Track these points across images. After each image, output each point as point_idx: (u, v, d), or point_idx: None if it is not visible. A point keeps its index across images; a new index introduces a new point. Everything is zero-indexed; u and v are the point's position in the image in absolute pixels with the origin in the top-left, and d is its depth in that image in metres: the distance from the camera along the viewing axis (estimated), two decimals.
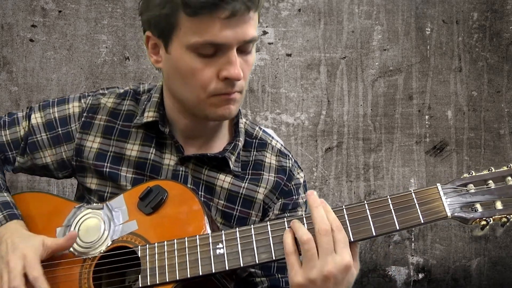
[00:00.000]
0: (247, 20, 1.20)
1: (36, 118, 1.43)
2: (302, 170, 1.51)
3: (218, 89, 1.24)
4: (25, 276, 1.18)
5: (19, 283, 1.17)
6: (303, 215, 1.18)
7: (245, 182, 1.41)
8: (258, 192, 1.41)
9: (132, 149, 1.39)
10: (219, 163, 1.39)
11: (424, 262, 3.14)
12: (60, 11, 2.85)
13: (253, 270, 1.41)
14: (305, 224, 1.16)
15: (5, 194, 1.35)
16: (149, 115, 1.38)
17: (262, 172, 1.43)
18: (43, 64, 2.85)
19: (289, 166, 1.46)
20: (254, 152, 1.46)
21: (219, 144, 1.43)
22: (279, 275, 1.42)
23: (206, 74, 1.23)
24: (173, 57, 1.26)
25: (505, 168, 1.15)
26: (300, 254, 1.13)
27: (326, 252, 1.10)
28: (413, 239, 3.13)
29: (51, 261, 1.24)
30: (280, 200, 1.43)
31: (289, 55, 3.02)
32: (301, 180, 1.49)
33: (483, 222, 1.11)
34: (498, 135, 3.14)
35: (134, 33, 2.89)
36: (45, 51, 2.85)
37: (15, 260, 1.18)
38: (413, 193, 1.15)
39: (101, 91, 1.46)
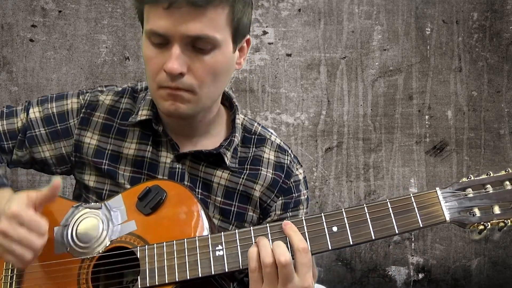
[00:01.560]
0: (192, 15, 1.17)
1: (35, 113, 1.43)
2: (301, 166, 1.50)
3: (162, 81, 1.24)
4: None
5: (41, 243, 1.14)
6: (303, 218, 1.18)
7: (242, 178, 1.41)
8: (254, 189, 1.41)
9: (130, 148, 1.39)
10: (216, 160, 1.39)
11: (424, 262, 3.14)
12: (60, 11, 2.85)
13: None
14: (305, 227, 1.16)
15: None
16: (142, 114, 1.38)
17: (260, 168, 1.43)
18: (43, 64, 2.85)
19: (287, 163, 1.46)
20: (253, 148, 1.45)
21: (215, 140, 1.42)
22: None
23: (155, 64, 1.24)
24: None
25: (503, 172, 1.15)
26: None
27: (285, 279, 1.11)
28: (413, 239, 3.13)
29: (49, 261, 1.24)
30: (280, 198, 1.43)
31: (289, 55, 3.02)
32: (301, 177, 1.48)
33: (481, 227, 1.12)
34: (498, 135, 3.14)
35: (134, 33, 2.89)
36: (45, 51, 2.85)
37: (8, 224, 1.12)
38: (412, 197, 1.15)
39: (99, 89, 1.47)
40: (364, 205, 1.17)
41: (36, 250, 1.14)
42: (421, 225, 1.13)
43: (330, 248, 1.15)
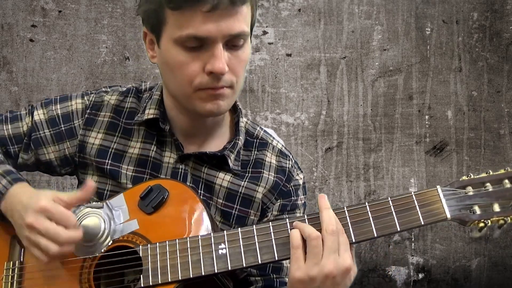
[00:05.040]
0: (232, 14, 1.20)
1: (39, 115, 1.43)
2: (301, 171, 1.51)
3: (204, 83, 1.24)
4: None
5: (67, 235, 1.14)
6: (305, 216, 1.18)
7: (245, 181, 1.41)
8: (257, 191, 1.41)
9: (135, 147, 1.39)
10: (219, 162, 1.39)
11: (424, 262, 3.14)
12: (60, 11, 2.85)
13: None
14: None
15: (7, 165, 1.34)
16: (149, 113, 1.38)
17: (262, 171, 1.43)
18: (43, 64, 2.84)
19: (288, 167, 1.46)
20: (255, 152, 1.46)
21: (219, 142, 1.43)
22: (274, 276, 1.42)
23: (191, 68, 1.23)
24: (163, 51, 1.27)
25: (502, 171, 1.16)
26: (305, 253, 1.14)
27: (330, 251, 1.11)
28: (413, 239, 3.13)
29: (51, 261, 1.23)
30: (279, 201, 1.43)
31: (289, 55, 3.02)
32: (300, 182, 1.49)
33: (481, 224, 1.13)
34: (498, 135, 3.14)
35: (134, 33, 2.89)
36: (45, 51, 2.85)
37: (35, 217, 1.15)
38: (413, 195, 1.16)
39: (103, 89, 1.47)
40: (366, 203, 1.17)
41: (62, 243, 1.14)
42: (422, 223, 1.14)
43: None
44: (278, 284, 1.41)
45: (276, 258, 1.16)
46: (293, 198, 1.45)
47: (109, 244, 1.25)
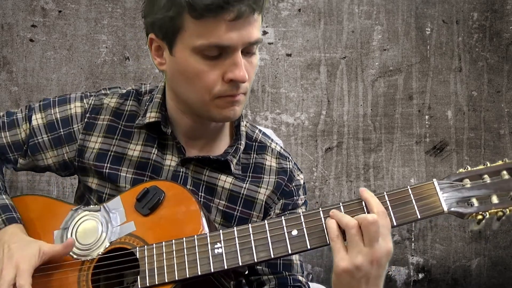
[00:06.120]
0: (251, 22, 1.21)
1: (37, 119, 1.42)
2: (301, 172, 1.52)
3: (223, 91, 1.25)
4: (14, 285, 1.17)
5: None
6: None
7: (246, 183, 1.41)
8: (259, 192, 1.42)
9: (135, 149, 1.39)
10: (220, 165, 1.39)
11: (424, 262, 3.14)
12: (60, 11, 2.86)
13: (259, 267, 1.41)
14: (303, 223, 1.17)
15: (4, 196, 1.34)
16: (151, 116, 1.38)
17: (262, 176, 1.44)
18: (43, 64, 2.85)
19: (289, 167, 1.48)
20: (254, 155, 1.47)
21: (221, 146, 1.43)
22: (286, 273, 1.42)
23: (211, 77, 1.24)
24: (178, 60, 1.26)
25: (500, 162, 1.15)
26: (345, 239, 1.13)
27: (375, 238, 1.10)
28: (413, 239, 3.13)
29: (49, 265, 1.24)
30: (281, 200, 1.44)
31: (289, 55, 3.02)
32: (301, 182, 1.50)
33: (479, 217, 1.12)
34: (498, 135, 3.14)
35: (134, 33, 2.89)
36: (45, 51, 2.85)
37: (8, 269, 1.18)
38: (409, 189, 1.16)
39: (103, 91, 1.46)
40: (362, 199, 1.17)
41: None
42: (419, 217, 1.13)
43: (328, 242, 1.15)
44: (292, 282, 1.42)
45: (272, 256, 1.16)
46: (295, 197, 1.46)
47: (107, 246, 1.25)
